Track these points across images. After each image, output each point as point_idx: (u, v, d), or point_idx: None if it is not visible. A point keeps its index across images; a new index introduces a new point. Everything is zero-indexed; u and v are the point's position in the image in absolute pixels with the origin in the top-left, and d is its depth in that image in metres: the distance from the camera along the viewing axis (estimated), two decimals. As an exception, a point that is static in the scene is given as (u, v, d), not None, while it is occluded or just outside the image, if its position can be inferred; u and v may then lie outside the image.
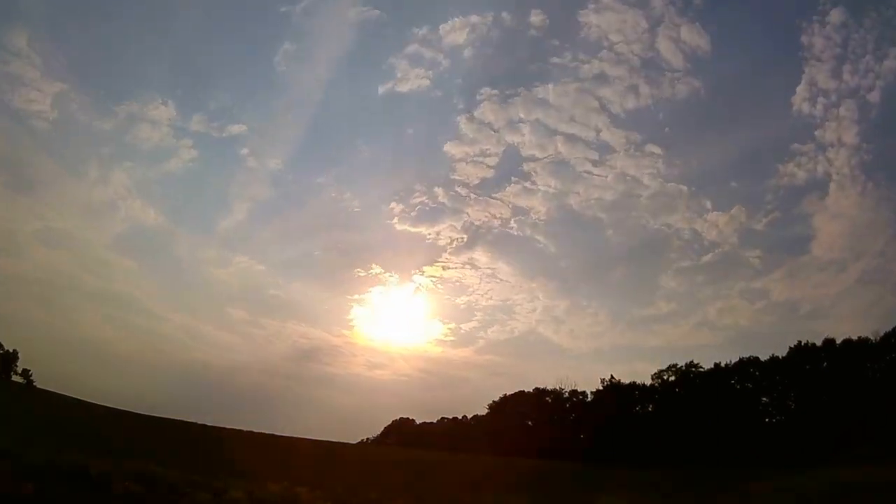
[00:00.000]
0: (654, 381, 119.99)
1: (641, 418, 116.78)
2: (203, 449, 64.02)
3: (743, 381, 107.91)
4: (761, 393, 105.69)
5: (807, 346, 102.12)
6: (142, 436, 67.76)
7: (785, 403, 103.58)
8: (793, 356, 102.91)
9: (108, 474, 26.69)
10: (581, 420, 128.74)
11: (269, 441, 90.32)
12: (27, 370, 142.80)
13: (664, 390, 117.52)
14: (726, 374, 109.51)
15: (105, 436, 59.15)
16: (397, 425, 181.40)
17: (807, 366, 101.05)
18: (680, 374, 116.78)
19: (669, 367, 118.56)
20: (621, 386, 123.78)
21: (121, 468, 28.85)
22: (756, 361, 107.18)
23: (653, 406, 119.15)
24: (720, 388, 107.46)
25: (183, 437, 75.75)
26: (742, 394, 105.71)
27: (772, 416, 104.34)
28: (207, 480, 31.33)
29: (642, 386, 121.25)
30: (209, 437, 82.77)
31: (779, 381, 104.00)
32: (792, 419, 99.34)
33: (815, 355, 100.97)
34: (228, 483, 31.82)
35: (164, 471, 30.99)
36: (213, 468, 41.24)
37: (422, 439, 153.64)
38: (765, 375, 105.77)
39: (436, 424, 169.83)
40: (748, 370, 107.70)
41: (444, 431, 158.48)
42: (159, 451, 48.24)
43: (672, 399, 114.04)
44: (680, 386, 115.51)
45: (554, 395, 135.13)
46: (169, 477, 29.64)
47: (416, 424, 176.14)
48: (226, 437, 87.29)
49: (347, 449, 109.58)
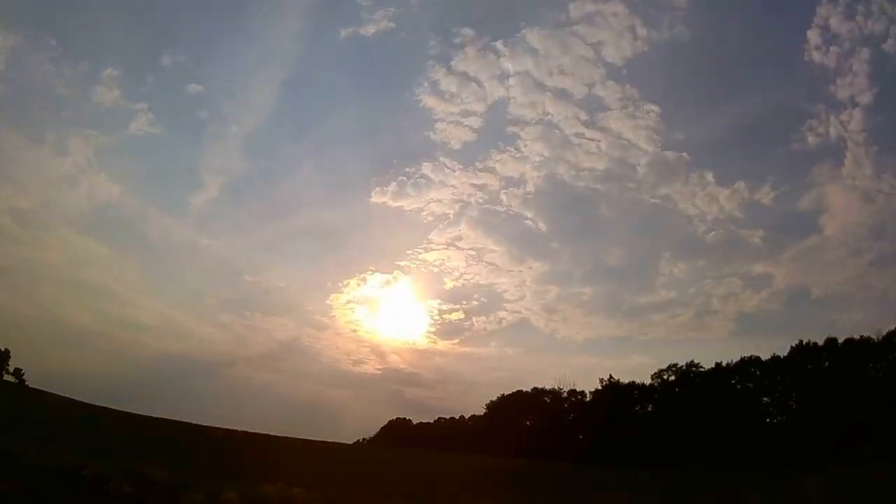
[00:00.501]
0: (654, 380, 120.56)
1: (641, 418, 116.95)
2: (197, 449, 63.98)
3: (744, 380, 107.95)
4: (762, 393, 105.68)
5: (808, 346, 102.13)
6: (135, 435, 67.75)
7: (786, 403, 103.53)
8: (794, 355, 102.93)
9: (101, 475, 26.66)
10: (580, 420, 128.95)
11: (264, 441, 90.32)
12: (19, 370, 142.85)
13: (664, 390, 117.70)
14: (727, 374, 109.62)
15: (97, 435, 59.09)
16: (393, 426, 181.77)
17: (808, 365, 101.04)
18: (680, 374, 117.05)
19: (669, 366, 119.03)
20: (620, 386, 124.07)
21: (111, 468, 28.82)
22: (757, 361, 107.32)
23: (652, 406, 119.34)
24: (721, 387, 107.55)
25: (176, 437, 75.75)
26: (743, 394, 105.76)
27: (773, 417, 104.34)
28: (201, 481, 31.28)
29: (642, 386, 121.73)
30: (203, 437, 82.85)
31: (780, 381, 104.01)
32: (793, 419, 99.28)
33: (816, 355, 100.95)
34: (222, 484, 31.75)
35: (157, 471, 30.94)
36: (207, 468, 41.21)
37: (418, 440, 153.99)
38: (766, 375, 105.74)
39: (432, 425, 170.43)
40: (749, 370, 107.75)
41: (440, 432, 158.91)
42: (153, 451, 48.25)
43: (672, 399, 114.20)
44: (680, 386, 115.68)
45: (552, 394, 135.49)
46: (162, 477, 29.60)
47: (413, 425, 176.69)
48: (220, 436, 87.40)
49: (343, 449, 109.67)
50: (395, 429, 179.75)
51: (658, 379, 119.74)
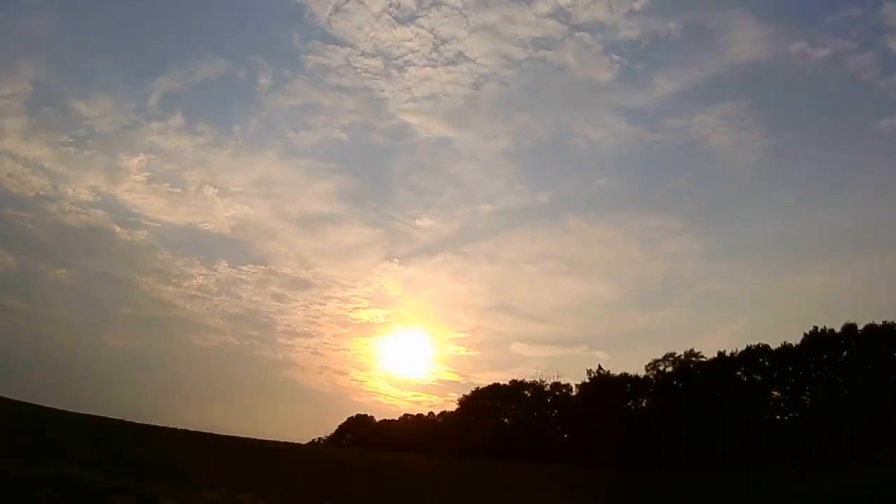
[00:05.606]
0: (649, 372, 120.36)
1: (634, 415, 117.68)
2: (133, 449, 63.70)
3: (751, 372, 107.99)
4: (772, 386, 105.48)
5: (824, 333, 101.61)
6: (63, 434, 67.40)
7: (799, 398, 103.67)
8: (808, 344, 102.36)
9: (23, 479, 26.45)
10: (564, 417, 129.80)
11: (209, 441, 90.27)
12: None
13: (660, 383, 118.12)
14: (731, 365, 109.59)
15: (18, 434, 58.69)
16: (353, 423, 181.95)
17: (824, 355, 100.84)
18: (679, 365, 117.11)
19: (666, 356, 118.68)
20: (611, 378, 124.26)
21: (35, 472, 28.59)
22: (765, 350, 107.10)
23: (647, 401, 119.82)
24: (725, 380, 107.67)
25: (110, 436, 75.51)
26: (750, 387, 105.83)
27: (784, 413, 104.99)
28: (136, 485, 31.15)
29: (635, 378, 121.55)
30: (140, 436, 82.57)
31: (792, 373, 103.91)
32: (807, 416, 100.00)
33: (833, 343, 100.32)
34: (160, 488, 31.64)
35: (88, 474, 30.76)
36: (143, 471, 41.10)
37: (382, 439, 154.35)
38: (775, 366, 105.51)
39: (398, 422, 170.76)
40: (756, 360, 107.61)
41: (407, 430, 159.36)
42: (85, 453, 47.96)
43: (670, 393, 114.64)
44: (679, 378, 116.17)
45: (533, 388, 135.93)
46: (93, 482, 29.42)
47: (376, 422, 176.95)
48: (161, 436, 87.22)
49: (298, 450, 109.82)
50: (355, 426, 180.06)
51: (653, 370, 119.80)
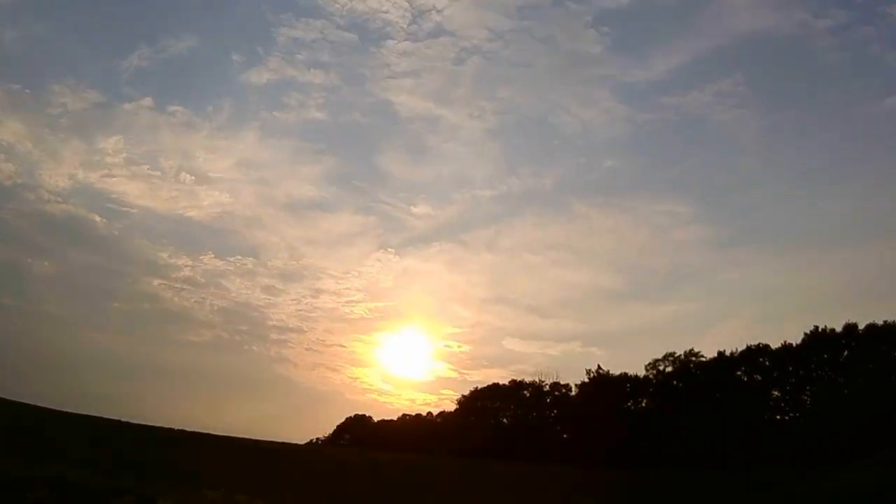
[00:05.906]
0: (649, 372, 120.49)
1: (634, 415, 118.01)
2: (132, 450, 64.08)
3: (751, 372, 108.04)
4: (772, 386, 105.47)
5: (824, 332, 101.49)
6: (66, 436, 67.79)
7: (799, 398, 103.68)
8: (808, 344, 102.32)
9: (22, 480, 26.81)
10: (564, 417, 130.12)
11: (208, 441, 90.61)
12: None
13: (660, 383, 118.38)
14: (731, 365, 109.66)
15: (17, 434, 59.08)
16: (352, 423, 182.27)
17: (825, 355, 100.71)
18: (679, 365, 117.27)
19: (666, 356, 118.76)
20: (611, 378, 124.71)
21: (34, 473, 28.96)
22: (766, 350, 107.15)
23: (647, 401, 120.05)
24: (725, 380, 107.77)
25: (109, 436, 75.87)
26: (750, 387, 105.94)
27: (784, 413, 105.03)
28: (135, 486, 31.55)
29: (635, 378, 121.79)
30: (140, 437, 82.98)
31: (792, 373, 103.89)
32: (807, 416, 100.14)
33: (834, 342, 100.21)
34: (159, 489, 32.05)
35: (87, 474, 31.16)
36: (142, 472, 41.48)
37: (380, 439, 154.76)
38: (776, 366, 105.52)
39: (396, 422, 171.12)
40: (757, 360, 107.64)
41: (406, 430, 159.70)
42: (85, 453, 48.37)
43: (670, 393, 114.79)
44: (678, 378, 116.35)
45: (532, 388, 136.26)
46: (90, 482, 29.81)
47: (374, 422, 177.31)
48: (160, 437, 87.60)
49: (297, 450, 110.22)
50: (353, 426, 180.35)
51: (653, 370, 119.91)
